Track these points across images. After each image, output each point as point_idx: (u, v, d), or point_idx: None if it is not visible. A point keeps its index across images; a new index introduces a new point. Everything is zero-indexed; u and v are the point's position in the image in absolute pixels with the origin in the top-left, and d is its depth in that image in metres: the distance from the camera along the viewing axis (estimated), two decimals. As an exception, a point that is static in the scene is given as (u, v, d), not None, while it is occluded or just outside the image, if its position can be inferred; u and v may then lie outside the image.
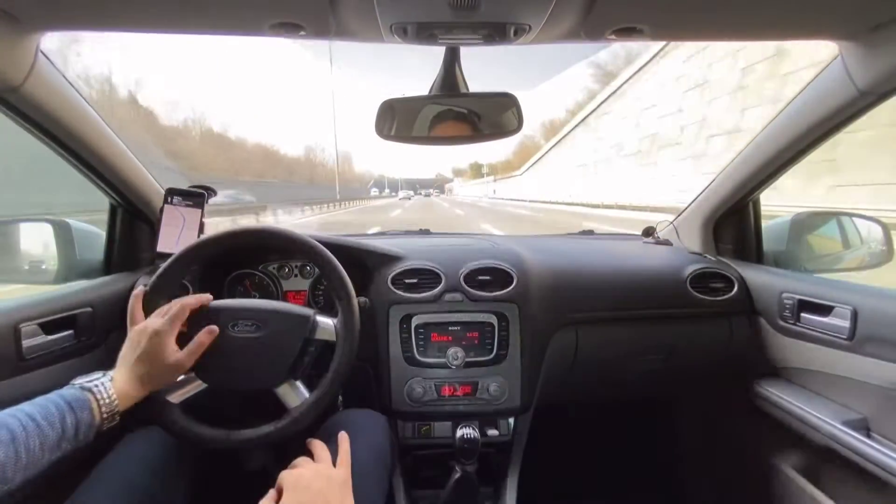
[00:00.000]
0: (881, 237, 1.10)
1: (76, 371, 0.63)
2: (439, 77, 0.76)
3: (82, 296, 0.94)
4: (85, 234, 1.13)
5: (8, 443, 0.49)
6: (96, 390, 0.59)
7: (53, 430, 0.52)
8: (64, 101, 0.82)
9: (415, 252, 1.10)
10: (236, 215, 15.29)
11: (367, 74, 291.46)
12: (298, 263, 1.12)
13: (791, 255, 1.18)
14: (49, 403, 0.55)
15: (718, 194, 1.18)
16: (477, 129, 0.79)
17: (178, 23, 0.64)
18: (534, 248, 1.21)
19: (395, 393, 0.96)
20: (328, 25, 0.61)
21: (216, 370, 0.71)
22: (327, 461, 0.64)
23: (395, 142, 0.81)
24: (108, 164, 0.97)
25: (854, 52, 0.74)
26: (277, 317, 0.75)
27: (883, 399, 0.79)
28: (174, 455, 0.72)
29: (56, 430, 0.53)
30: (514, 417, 1.02)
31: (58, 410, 0.54)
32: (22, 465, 0.49)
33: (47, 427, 0.52)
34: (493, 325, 0.98)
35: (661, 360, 1.12)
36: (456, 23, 0.61)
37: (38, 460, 0.51)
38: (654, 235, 1.43)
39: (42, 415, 0.53)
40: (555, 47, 0.76)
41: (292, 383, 0.73)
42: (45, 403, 0.54)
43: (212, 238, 0.78)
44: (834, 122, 0.85)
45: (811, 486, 0.92)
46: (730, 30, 0.70)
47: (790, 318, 0.98)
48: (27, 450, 0.50)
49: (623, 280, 1.11)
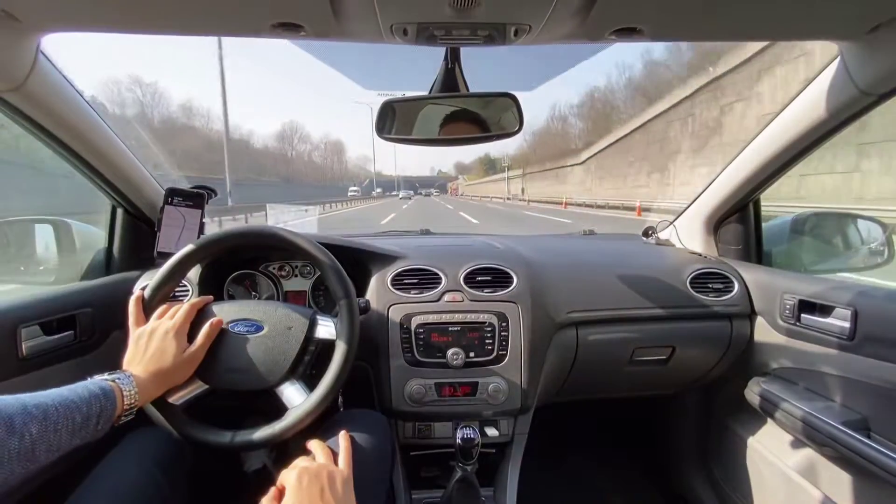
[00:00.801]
0: (881, 237, 1.10)
1: (76, 371, 0.63)
2: (439, 77, 0.76)
3: (82, 296, 0.94)
4: (85, 235, 1.14)
5: (41, 420, 0.50)
6: (120, 382, 0.61)
7: (80, 414, 0.54)
8: (64, 102, 0.82)
9: (415, 252, 1.10)
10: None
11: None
12: (299, 264, 1.12)
13: (791, 255, 1.18)
14: (79, 388, 0.56)
15: (719, 195, 1.18)
16: (477, 130, 0.79)
17: (177, 24, 0.64)
18: (534, 248, 1.21)
19: (395, 393, 0.96)
20: (328, 26, 0.61)
21: (217, 371, 0.72)
22: (328, 461, 0.64)
23: (395, 142, 0.81)
24: (109, 164, 0.98)
25: (854, 52, 0.74)
26: (278, 317, 0.75)
27: (883, 399, 0.79)
28: (174, 455, 0.72)
29: (83, 414, 0.54)
30: (515, 418, 1.02)
31: (89, 394, 0.56)
32: (50, 444, 0.50)
33: (75, 409, 0.53)
34: (494, 326, 0.98)
35: (661, 361, 1.12)
36: (456, 23, 0.61)
37: (60, 443, 0.52)
38: (654, 236, 1.43)
39: (72, 397, 0.54)
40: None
41: (293, 383, 0.73)
42: (75, 388, 0.56)
43: (212, 238, 0.78)
44: (834, 123, 0.85)
45: (811, 486, 0.92)
46: (730, 30, 0.70)
47: (790, 319, 0.98)
48: (55, 430, 0.51)
49: (623, 280, 1.11)
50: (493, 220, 15.64)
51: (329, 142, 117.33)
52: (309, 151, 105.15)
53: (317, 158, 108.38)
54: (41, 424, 0.49)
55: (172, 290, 0.78)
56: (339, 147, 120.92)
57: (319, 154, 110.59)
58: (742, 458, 1.12)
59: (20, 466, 0.47)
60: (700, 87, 16.25)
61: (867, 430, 0.81)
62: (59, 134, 0.85)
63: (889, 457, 0.73)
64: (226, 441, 0.70)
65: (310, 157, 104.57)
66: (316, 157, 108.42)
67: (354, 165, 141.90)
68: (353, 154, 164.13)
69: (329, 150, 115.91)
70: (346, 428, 0.73)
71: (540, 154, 52.60)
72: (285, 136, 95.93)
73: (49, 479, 0.77)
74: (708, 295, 1.10)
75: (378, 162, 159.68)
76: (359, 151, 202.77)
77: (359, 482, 0.64)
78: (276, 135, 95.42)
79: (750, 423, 1.11)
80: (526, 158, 59.95)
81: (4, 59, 0.68)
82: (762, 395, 1.02)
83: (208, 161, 42.05)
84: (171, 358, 0.67)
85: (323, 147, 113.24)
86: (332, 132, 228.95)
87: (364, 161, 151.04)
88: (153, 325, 0.70)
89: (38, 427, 0.49)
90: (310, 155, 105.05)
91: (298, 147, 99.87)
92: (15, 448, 0.47)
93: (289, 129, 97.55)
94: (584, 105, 49.84)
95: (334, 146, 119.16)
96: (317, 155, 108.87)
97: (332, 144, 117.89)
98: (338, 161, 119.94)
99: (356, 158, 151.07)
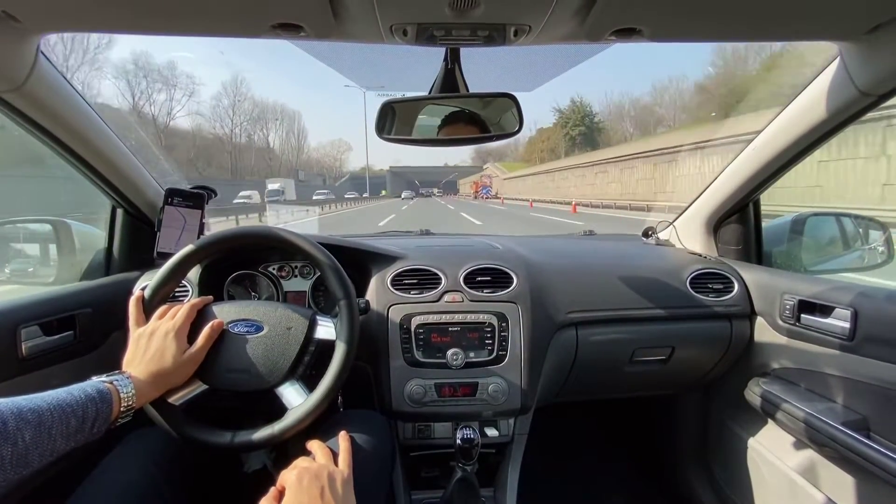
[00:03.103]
0: (881, 237, 1.10)
1: (76, 371, 0.63)
2: (439, 78, 0.76)
3: (82, 296, 0.94)
4: (85, 235, 1.14)
5: (36, 425, 0.49)
6: (118, 383, 0.61)
7: (76, 418, 0.53)
8: (64, 102, 0.82)
9: (415, 253, 1.10)
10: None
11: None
12: (299, 264, 1.12)
13: (791, 255, 1.18)
14: (75, 390, 0.56)
15: (719, 195, 1.18)
16: (477, 130, 0.79)
17: (177, 24, 0.64)
18: (534, 248, 1.21)
19: (395, 393, 0.96)
20: (328, 26, 0.61)
21: (217, 371, 0.72)
22: (328, 461, 0.64)
23: (394, 143, 0.81)
24: (109, 164, 0.98)
25: (854, 52, 0.74)
26: (277, 318, 0.75)
27: (883, 399, 0.79)
28: (174, 455, 0.72)
29: (78, 418, 0.54)
30: (514, 418, 1.02)
31: (85, 397, 0.55)
32: (44, 450, 0.50)
33: (70, 414, 0.53)
34: (494, 326, 0.98)
35: (661, 361, 1.12)
36: (456, 24, 0.61)
37: (55, 447, 0.51)
38: (654, 236, 1.43)
39: (68, 400, 0.54)
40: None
41: (292, 384, 0.73)
42: (71, 390, 0.56)
43: (212, 239, 0.78)
44: (834, 123, 0.85)
45: (811, 486, 0.92)
46: (730, 31, 0.70)
47: (790, 319, 0.98)
48: (49, 435, 0.50)
49: (623, 280, 1.11)
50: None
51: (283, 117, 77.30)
52: (274, 142, 74.45)
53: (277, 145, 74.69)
54: (35, 430, 0.49)
55: (172, 291, 0.78)
56: (294, 127, 79.92)
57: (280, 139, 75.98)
58: (742, 459, 1.12)
59: (14, 472, 0.47)
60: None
61: (867, 431, 0.81)
62: (59, 134, 0.85)
63: (889, 457, 0.73)
64: (225, 441, 0.70)
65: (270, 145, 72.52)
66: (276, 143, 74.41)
67: (327, 155, 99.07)
68: (325, 140, 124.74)
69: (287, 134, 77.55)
70: (346, 428, 0.73)
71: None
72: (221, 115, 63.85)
73: (49, 480, 0.77)
74: (708, 295, 1.10)
75: (357, 151, 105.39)
76: (332, 136, 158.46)
77: (359, 482, 0.64)
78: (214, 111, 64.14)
79: (750, 423, 1.11)
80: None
81: (4, 59, 0.68)
82: (762, 395, 1.02)
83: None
84: (171, 359, 0.66)
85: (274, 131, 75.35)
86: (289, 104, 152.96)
87: (338, 150, 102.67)
88: (153, 326, 0.70)
89: (32, 433, 0.48)
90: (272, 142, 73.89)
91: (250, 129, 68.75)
92: (8, 454, 0.46)
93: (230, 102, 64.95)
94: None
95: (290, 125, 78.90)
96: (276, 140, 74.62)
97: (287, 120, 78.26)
98: (299, 148, 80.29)
99: (327, 146, 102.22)
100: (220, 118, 64.51)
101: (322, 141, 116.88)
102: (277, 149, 75.68)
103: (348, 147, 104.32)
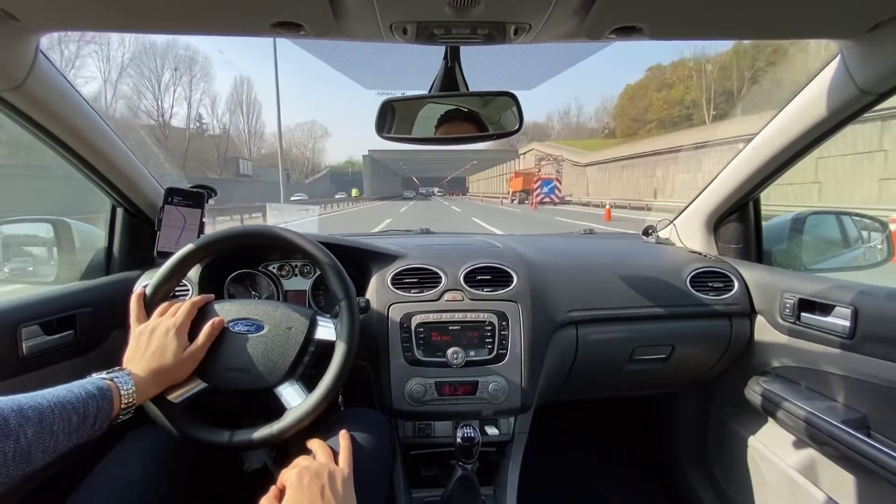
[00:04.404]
0: (881, 236, 1.10)
1: (77, 370, 0.63)
2: (439, 76, 0.76)
3: (82, 296, 0.94)
4: (85, 234, 1.13)
5: (37, 422, 0.49)
6: (118, 380, 0.61)
7: (77, 415, 0.53)
8: (64, 101, 0.82)
9: (415, 252, 1.10)
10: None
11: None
12: (299, 263, 1.12)
13: (791, 254, 1.18)
14: (75, 387, 0.56)
15: (719, 194, 1.18)
16: (477, 129, 0.79)
17: (177, 23, 0.64)
18: (534, 247, 1.21)
19: (396, 392, 0.96)
20: (328, 25, 0.61)
21: (216, 369, 0.72)
22: (328, 460, 0.64)
23: (394, 141, 0.81)
24: (108, 164, 0.97)
25: (854, 51, 0.74)
26: (278, 317, 0.75)
27: (883, 398, 0.80)
28: (174, 454, 0.73)
29: (79, 414, 0.54)
30: (515, 417, 1.02)
31: (86, 394, 0.55)
32: (46, 446, 0.50)
33: (71, 410, 0.53)
34: (494, 325, 0.98)
35: (661, 360, 1.12)
36: (455, 22, 0.61)
37: (57, 444, 0.52)
38: (654, 235, 1.43)
39: (69, 398, 0.54)
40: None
41: (292, 384, 0.73)
42: (71, 387, 0.56)
43: (212, 238, 0.79)
44: (834, 122, 0.85)
45: (811, 485, 0.92)
46: (730, 29, 0.70)
47: (790, 318, 0.98)
48: (51, 432, 0.51)
49: (623, 279, 1.11)
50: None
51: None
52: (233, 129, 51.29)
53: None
54: (37, 427, 0.49)
55: (173, 289, 0.78)
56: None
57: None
58: (742, 457, 1.12)
59: (16, 469, 0.47)
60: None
61: (867, 429, 0.81)
62: (59, 133, 0.85)
63: (889, 455, 0.73)
64: (224, 440, 0.70)
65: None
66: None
67: (297, 143, 71.43)
68: (293, 122, 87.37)
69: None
70: (346, 427, 0.73)
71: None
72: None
73: (49, 478, 0.77)
74: (708, 294, 1.10)
75: (336, 138, 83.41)
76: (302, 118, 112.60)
77: (359, 481, 0.64)
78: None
79: (750, 422, 1.11)
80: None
81: (4, 58, 0.68)
82: (762, 394, 1.02)
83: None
84: (172, 356, 0.67)
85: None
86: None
87: (310, 136, 74.01)
88: (154, 323, 0.70)
89: (33, 430, 0.49)
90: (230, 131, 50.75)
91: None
92: (10, 451, 0.46)
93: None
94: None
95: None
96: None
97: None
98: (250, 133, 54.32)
99: (295, 130, 73.06)
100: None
101: (289, 124, 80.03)
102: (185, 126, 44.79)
103: (325, 132, 76.61)
